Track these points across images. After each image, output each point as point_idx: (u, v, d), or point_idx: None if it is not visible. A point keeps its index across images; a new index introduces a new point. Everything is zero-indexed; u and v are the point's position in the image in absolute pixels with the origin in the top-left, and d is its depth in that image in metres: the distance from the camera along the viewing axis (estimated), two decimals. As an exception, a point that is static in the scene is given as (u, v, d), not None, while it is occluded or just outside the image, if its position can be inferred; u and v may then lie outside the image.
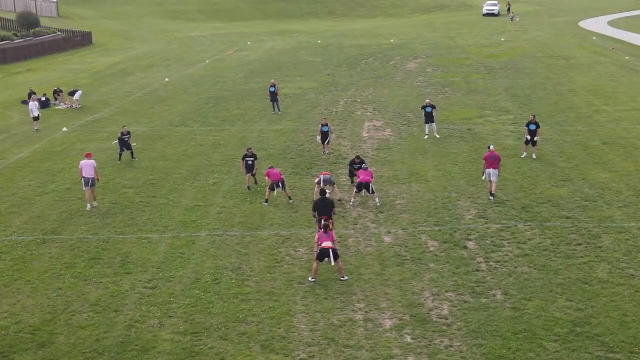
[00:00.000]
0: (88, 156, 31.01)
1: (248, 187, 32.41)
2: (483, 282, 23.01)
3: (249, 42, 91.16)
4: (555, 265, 24.04)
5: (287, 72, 66.28)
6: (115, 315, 21.44)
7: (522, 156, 36.81)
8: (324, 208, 25.65)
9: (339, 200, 30.29)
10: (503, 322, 20.49)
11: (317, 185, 30.02)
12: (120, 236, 27.54)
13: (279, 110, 48.51)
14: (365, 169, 30.57)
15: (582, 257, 24.67)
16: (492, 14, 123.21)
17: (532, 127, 36.49)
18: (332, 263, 23.20)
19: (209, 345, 19.64)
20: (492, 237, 26.52)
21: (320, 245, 23.33)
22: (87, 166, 30.48)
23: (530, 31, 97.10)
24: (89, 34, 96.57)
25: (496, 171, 30.60)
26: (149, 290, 22.99)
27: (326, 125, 37.08)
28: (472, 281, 23.11)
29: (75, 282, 23.69)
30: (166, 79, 63.37)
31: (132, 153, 38.10)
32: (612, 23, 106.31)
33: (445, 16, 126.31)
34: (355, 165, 31.56)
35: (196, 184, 33.61)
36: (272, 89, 48.31)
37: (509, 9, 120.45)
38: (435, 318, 20.86)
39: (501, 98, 52.45)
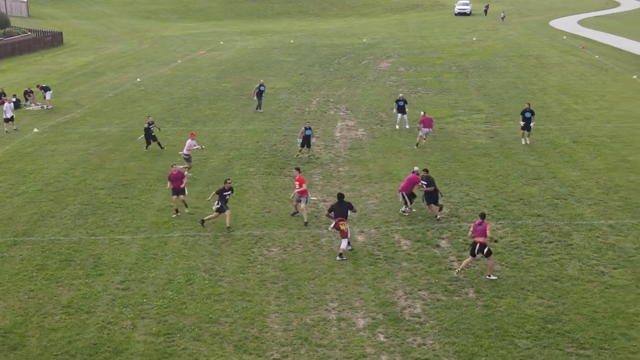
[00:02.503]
0: (192, 135, 35.34)
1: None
2: (456, 281, 23.14)
3: (222, 42, 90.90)
4: (527, 263, 24.24)
5: (260, 72, 66.15)
6: (88, 317, 21.33)
7: (523, 143, 38.64)
8: (340, 210, 25.32)
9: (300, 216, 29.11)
10: (475, 320, 20.64)
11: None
12: (92, 237, 27.38)
13: (260, 108, 48.80)
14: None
15: (553, 254, 24.90)
16: (464, 14, 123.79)
17: (528, 114, 38.67)
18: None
19: (182, 346, 19.60)
20: (465, 235, 26.63)
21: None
22: (187, 144, 34.65)
23: (502, 30, 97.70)
24: (60, 34, 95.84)
25: (430, 130, 38.49)
26: (122, 291, 22.89)
27: (309, 129, 36.73)
28: (444, 280, 23.25)
29: (47, 284, 23.53)
30: (138, 79, 63.03)
31: (159, 143, 39.23)
32: (582, 22, 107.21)
33: (417, 15, 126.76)
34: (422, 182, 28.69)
35: (168, 185, 33.41)
36: (262, 88, 49.02)
37: (486, 10, 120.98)
38: (408, 317, 20.97)
39: (473, 97, 52.75)
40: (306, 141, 36.69)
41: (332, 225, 25.46)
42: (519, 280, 23.05)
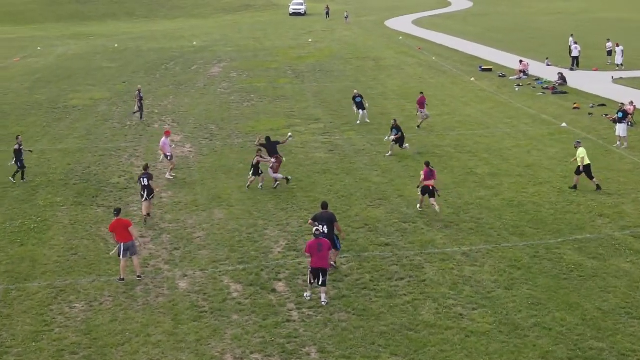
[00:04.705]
0: (167, 133, 34.68)
1: None
2: (295, 337, 19.39)
3: (39, 48, 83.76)
4: (377, 308, 20.82)
5: (79, 80, 60.37)
6: None
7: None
8: (271, 149, 31.80)
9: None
10: (319, 392, 16.99)
11: None
12: None
13: (142, 117, 45.51)
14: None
15: (405, 295, 21.62)
16: (299, 14, 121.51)
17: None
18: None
19: None
20: (305, 274, 22.87)
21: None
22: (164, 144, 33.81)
23: (338, 31, 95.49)
24: None
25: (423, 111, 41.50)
26: None
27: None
28: (282, 336, 19.45)
29: None
30: (-62, 92, 56.03)
31: (16, 173, 33.13)
32: (416, 22, 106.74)
33: (250, 16, 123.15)
34: None
35: (-45, 223, 28.13)
36: (141, 95, 45.45)
37: (328, 12, 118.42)
38: (239, 392, 17.07)
39: (310, 105, 49.46)
40: (256, 170, 31.78)
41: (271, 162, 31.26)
42: (369, 332, 19.56)
